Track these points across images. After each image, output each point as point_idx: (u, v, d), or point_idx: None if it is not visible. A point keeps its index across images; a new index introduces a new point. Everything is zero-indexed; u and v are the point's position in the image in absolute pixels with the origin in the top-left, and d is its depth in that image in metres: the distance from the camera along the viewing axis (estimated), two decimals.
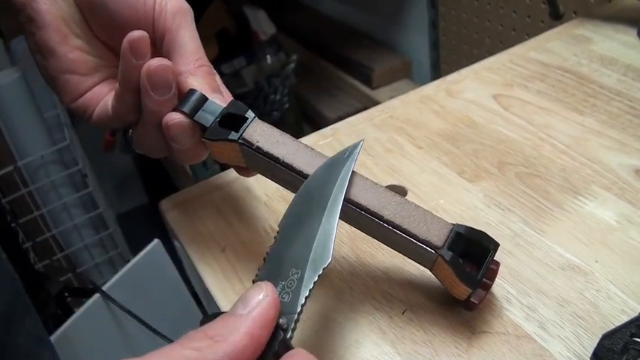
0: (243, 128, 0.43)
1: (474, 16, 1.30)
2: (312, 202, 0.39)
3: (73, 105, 0.48)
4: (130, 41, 0.41)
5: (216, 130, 0.43)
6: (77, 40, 0.46)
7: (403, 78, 1.61)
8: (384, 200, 0.41)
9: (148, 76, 0.41)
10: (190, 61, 0.45)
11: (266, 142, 0.43)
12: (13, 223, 1.42)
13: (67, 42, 0.46)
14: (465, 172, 0.55)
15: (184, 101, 0.43)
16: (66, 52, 0.45)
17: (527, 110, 0.62)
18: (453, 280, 0.39)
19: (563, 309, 0.41)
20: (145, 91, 0.42)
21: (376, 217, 0.40)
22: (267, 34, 1.77)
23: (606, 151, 0.55)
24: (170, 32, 0.45)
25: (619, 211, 0.49)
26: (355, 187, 0.41)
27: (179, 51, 0.45)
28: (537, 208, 0.50)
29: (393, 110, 0.65)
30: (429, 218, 0.40)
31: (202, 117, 0.43)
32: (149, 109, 0.43)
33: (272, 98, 1.60)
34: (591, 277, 0.44)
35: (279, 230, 0.38)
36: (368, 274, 0.46)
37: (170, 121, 0.43)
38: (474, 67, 0.71)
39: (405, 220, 0.40)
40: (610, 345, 0.36)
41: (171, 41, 0.46)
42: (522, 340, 0.40)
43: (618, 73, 0.66)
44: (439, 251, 0.39)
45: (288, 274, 0.35)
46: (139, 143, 0.48)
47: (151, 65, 0.41)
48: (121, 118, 0.46)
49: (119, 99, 0.45)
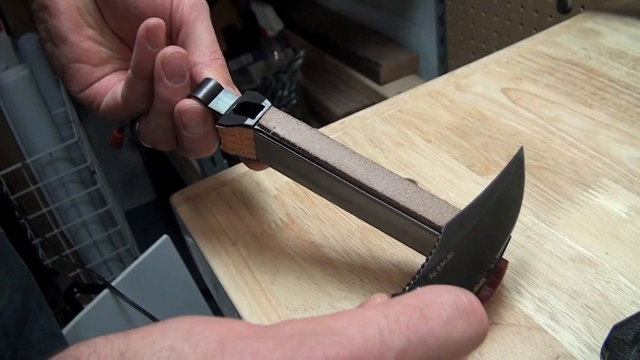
0: (259, 115, 0.43)
1: (481, 11, 1.30)
2: None
3: (81, 95, 0.48)
4: (146, 28, 0.41)
5: (231, 117, 0.43)
6: (90, 30, 0.46)
7: (411, 74, 1.61)
8: (400, 188, 0.41)
9: (163, 63, 0.42)
10: (206, 53, 0.45)
11: (282, 129, 0.43)
12: (22, 219, 1.42)
13: (79, 31, 0.46)
14: (475, 166, 0.55)
15: (198, 88, 0.43)
16: (78, 41, 0.46)
17: (536, 104, 0.62)
18: None
19: (574, 300, 0.42)
20: (159, 78, 0.42)
21: (392, 203, 0.40)
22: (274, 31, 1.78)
23: (616, 143, 0.55)
24: (187, 24, 0.46)
25: (629, 203, 0.49)
26: (372, 173, 0.41)
27: (195, 43, 0.45)
28: (547, 200, 0.50)
29: (403, 104, 0.65)
30: (444, 207, 0.40)
31: (217, 104, 0.43)
32: (161, 97, 0.43)
33: (279, 94, 1.61)
34: (601, 268, 0.44)
35: None
36: (379, 266, 0.46)
37: (183, 107, 0.43)
38: (483, 61, 0.71)
39: (421, 207, 0.40)
40: (621, 336, 0.36)
41: (187, 33, 0.46)
42: (533, 331, 0.40)
43: (627, 66, 0.66)
44: None
45: None
46: (146, 135, 0.47)
47: (166, 52, 0.42)
48: (130, 107, 0.46)
49: (130, 86, 0.44)
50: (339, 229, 0.50)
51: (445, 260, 0.35)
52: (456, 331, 0.24)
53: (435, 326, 0.23)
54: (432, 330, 0.23)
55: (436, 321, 0.23)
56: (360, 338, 0.22)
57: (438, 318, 0.23)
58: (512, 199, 0.41)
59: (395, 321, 0.23)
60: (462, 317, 0.24)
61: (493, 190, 0.39)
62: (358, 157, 0.42)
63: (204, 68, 0.45)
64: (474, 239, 0.37)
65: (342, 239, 0.49)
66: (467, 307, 0.24)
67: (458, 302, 0.24)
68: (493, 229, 0.38)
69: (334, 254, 0.48)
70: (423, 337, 0.23)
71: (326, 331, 0.23)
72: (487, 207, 0.38)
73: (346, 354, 0.22)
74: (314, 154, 0.42)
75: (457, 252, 0.36)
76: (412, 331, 0.23)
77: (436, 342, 0.23)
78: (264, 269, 0.48)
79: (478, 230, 0.38)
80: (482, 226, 0.38)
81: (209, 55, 0.45)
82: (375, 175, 0.41)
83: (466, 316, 0.24)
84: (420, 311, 0.23)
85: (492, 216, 0.39)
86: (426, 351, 0.23)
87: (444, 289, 0.25)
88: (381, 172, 0.41)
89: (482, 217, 0.38)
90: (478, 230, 0.38)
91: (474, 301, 0.25)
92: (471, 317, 0.24)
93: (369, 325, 0.23)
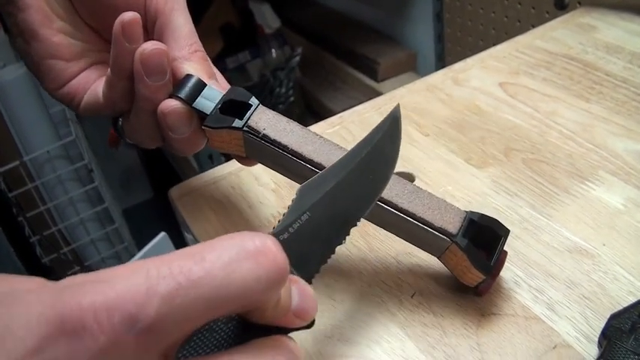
0: (247, 115, 0.42)
1: (478, 8, 1.30)
2: None
3: (58, 93, 0.46)
4: (122, 24, 0.39)
5: (218, 118, 0.42)
6: (61, 22, 0.44)
7: (408, 71, 1.61)
8: (398, 189, 0.40)
9: (142, 61, 0.40)
10: (184, 46, 0.43)
11: (272, 130, 0.42)
12: (19, 217, 1.42)
13: (50, 24, 0.43)
14: (473, 159, 0.55)
15: (181, 87, 0.41)
16: (49, 36, 0.43)
17: (533, 98, 0.62)
18: (466, 267, 0.39)
19: (571, 291, 0.42)
20: (139, 77, 0.40)
21: (391, 205, 0.40)
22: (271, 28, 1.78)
23: (613, 137, 0.55)
24: (163, 15, 0.43)
25: (626, 195, 0.49)
26: None
27: (172, 35, 0.43)
28: (544, 193, 0.50)
29: (400, 99, 0.65)
30: (443, 206, 0.40)
31: (202, 104, 0.41)
32: (143, 96, 0.41)
33: (277, 92, 1.61)
34: (599, 259, 0.44)
35: None
36: (377, 259, 0.47)
37: (166, 109, 0.41)
38: (480, 55, 0.71)
39: (420, 208, 0.40)
40: (618, 325, 0.37)
41: (164, 24, 0.44)
42: (531, 321, 0.40)
43: (624, 60, 0.66)
44: (454, 239, 0.39)
45: None
46: (130, 133, 0.46)
47: (145, 49, 0.39)
48: (112, 106, 0.44)
49: (111, 85, 0.43)
50: None
51: (299, 221, 0.34)
52: (240, 272, 0.24)
53: (212, 268, 0.24)
54: (209, 272, 0.24)
55: (215, 263, 0.24)
56: (122, 285, 0.23)
57: (218, 260, 0.24)
58: (384, 158, 0.38)
59: (168, 267, 0.23)
60: (249, 258, 0.24)
61: (360, 149, 0.37)
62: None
63: (184, 63, 0.43)
64: (335, 199, 0.36)
65: None
66: (255, 249, 0.25)
67: (245, 244, 0.25)
68: (358, 188, 0.37)
69: None
70: (196, 280, 0.23)
71: (98, 280, 0.23)
72: (350, 166, 0.36)
73: (101, 300, 0.22)
74: (307, 157, 0.41)
75: (314, 212, 0.34)
76: (184, 274, 0.23)
77: (214, 282, 0.23)
78: None
79: (339, 190, 0.36)
80: (344, 186, 0.36)
81: (188, 47, 0.43)
82: None
83: (253, 257, 0.24)
84: (199, 256, 0.24)
85: (358, 175, 0.37)
86: (201, 292, 0.23)
87: (234, 235, 0.25)
88: None
89: (345, 176, 0.36)
90: (339, 190, 0.36)
91: (268, 243, 0.25)
92: (260, 258, 0.24)
93: (137, 273, 0.23)
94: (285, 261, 0.25)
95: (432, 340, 0.40)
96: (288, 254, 0.29)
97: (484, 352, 0.39)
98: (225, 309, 0.25)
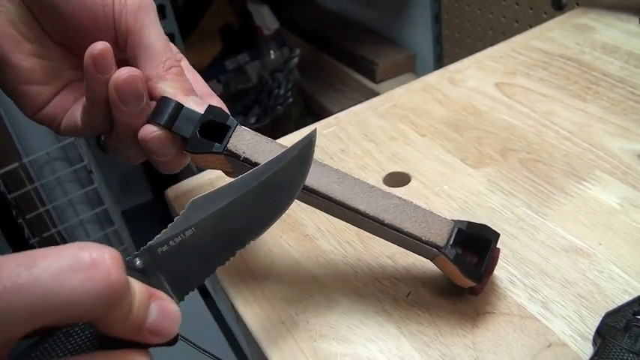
0: (226, 138, 0.41)
1: (476, 9, 1.31)
2: None
3: (36, 117, 0.45)
4: (92, 57, 0.38)
5: (198, 142, 0.41)
6: (30, 45, 0.42)
7: (407, 72, 1.61)
8: (384, 204, 0.40)
9: (117, 90, 0.39)
10: (158, 64, 0.42)
11: (253, 152, 0.41)
12: (19, 219, 1.42)
13: (19, 49, 0.42)
14: (469, 159, 0.55)
15: (159, 112, 0.41)
16: (21, 61, 0.42)
17: (529, 98, 0.62)
18: (458, 274, 0.40)
19: (566, 290, 0.42)
20: (116, 106, 0.40)
21: (377, 221, 0.40)
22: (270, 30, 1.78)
23: (609, 136, 0.55)
24: (133, 33, 0.42)
25: (622, 194, 0.49)
26: (352, 192, 0.40)
27: (145, 53, 0.42)
28: (540, 192, 0.50)
29: (397, 99, 0.65)
30: (430, 218, 0.40)
31: (181, 127, 0.41)
32: (122, 123, 0.41)
33: (276, 93, 1.61)
34: (594, 258, 0.44)
35: None
36: (373, 258, 0.47)
37: (147, 136, 0.41)
38: (477, 56, 0.71)
39: (406, 222, 0.40)
40: (613, 323, 0.37)
41: (135, 43, 0.42)
42: (526, 320, 0.40)
43: (620, 60, 0.66)
44: (442, 250, 0.39)
45: None
46: (114, 151, 0.45)
47: (119, 78, 0.38)
48: (91, 130, 0.44)
49: (88, 114, 0.42)
50: (334, 223, 0.50)
51: (182, 236, 0.34)
52: (69, 283, 0.24)
53: (41, 275, 0.24)
54: (37, 278, 0.24)
55: (45, 271, 0.24)
56: None
57: (48, 268, 0.24)
58: (288, 183, 0.38)
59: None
60: (80, 271, 0.24)
61: (265, 169, 0.37)
62: (336, 173, 0.41)
63: (159, 82, 0.42)
64: (223, 218, 0.35)
65: (336, 232, 0.49)
66: (89, 262, 0.25)
67: (79, 256, 0.25)
68: (253, 210, 0.36)
69: (328, 247, 0.48)
70: (22, 285, 0.23)
71: None
72: (249, 186, 0.36)
73: None
74: None
75: (199, 229, 0.34)
76: (12, 279, 0.23)
77: (40, 291, 0.24)
78: (259, 262, 0.48)
79: (231, 209, 0.35)
80: (237, 206, 0.35)
81: (162, 65, 0.42)
82: (355, 192, 0.40)
83: (85, 270, 0.24)
84: (32, 261, 0.24)
85: (255, 196, 0.36)
86: (25, 299, 0.23)
87: (74, 244, 0.25)
88: (362, 189, 0.40)
89: (240, 196, 0.36)
90: (231, 209, 0.35)
91: (104, 257, 0.25)
92: (92, 271, 0.24)
93: None
94: (119, 278, 0.25)
95: (427, 339, 0.40)
96: (163, 269, 0.29)
97: (479, 350, 0.39)
98: (53, 318, 0.25)
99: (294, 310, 0.43)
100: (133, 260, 0.32)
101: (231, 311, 0.46)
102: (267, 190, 0.37)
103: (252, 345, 0.43)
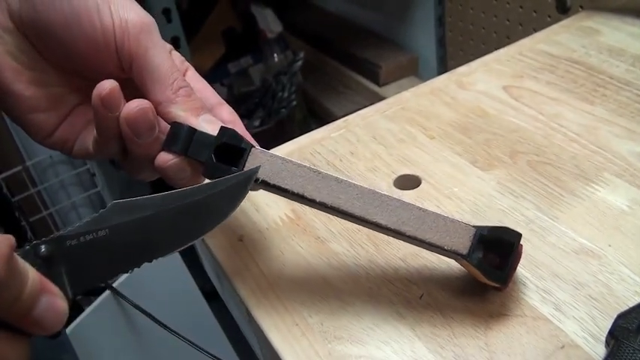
0: (242, 162, 0.41)
1: (480, 12, 1.31)
2: None
3: (47, 142, 0.45)
4: (101, 98, 0.38)
5: (215, 167, 0.41)
6: (30, 72, 0.42)
7: (410, 75, 1.62)
8: (404, 216, 0.40)
9: (129, 125, 0.39)
10: (167, 87, 0.42)
11: (269, 174, 0.41)
12: (22, 222, 1.43)
13: (20, 78, 0.42)
14: (478, 161, 0.55)
15: (173, 138, 0.41)
16: (22, 91, 0.42)
17: (537, 100, 0.63)
18: (482, 277, 0.40)
19: (578, 291, 0.42)
20: (129, 139, 0.40)
21: (398, 233, 0.40)
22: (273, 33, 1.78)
23: (617, 139, 0.56)
24: (137, 57, 0.41)
25: (631, 196, 0.49)
26: (372, 205, 0.40)
27: (152, 77, 0.42)
28: (550, 195, 0.51)
29: (405, 102, 0.65)
30: (451, 226, 0.40)
31: (196, 152, 0.41)
32: (137, 154, 0.41)
33: (279, 96, 1.61)
34: (604, 260, 0.44)
35: None
36: (385, 260, 0.47)
37: (164, 164, 0.41)
38: (484, 59, 0.72)
39: (428, 232, 0.40)
40: (625, 324, 0.37)
41: (141, 67, 0.42)
42: (539, 321, 0.40)
43: (627, 63, 0.66)
44: (465, 258, 0.40)
45: None
46: (129, 172, 0.45)
47: (129, 113, 0.39)
48: (105, 156, 0.44)
49: (100, 146, 0.42)
50: (345, 225, 0.50)
51: (94, 234, 0.34)
52: None
53: None
54: None
55: None
56: None
57: None
58: (213, 212, 0.38)
59: None
60: None
61: (192, 193, 0.37)
62: (354, 189, 0.41)
63: (170, 106, 0.42)
64: (139, 230, 0.35)
65: (347, 234, 0.50)
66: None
67: None
68: (170, 228, 0.36)
69: (340, 249, 0.48)
70: None
71: None
72: (175, 204, 0.36)
73: None
74: (310, 197, 0.41)
75: (112, 234, 0.34)
76: None
77: None
78: (271, 264, 0.48)
79: (150, 223, 0.35)
80: (157, 221, 0.36)
81: (170, 88, 0.42)
82: (375, 206, 0.40)
83: None
84: None
85: (175, 217, 0.36)
86: None
87: None
88: (382, 202, 0.40)
89: (163, 211, 0.36)
90: (150, 223, 0.35)
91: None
92: None
93: None
94: (4, 266, 0.26)
95: (441, 340, 0.40)
96: (66, 261, 0.30)
97: (493, 352, 0.39)
98: None
99: (307, 312, 0.43)
100: (38, 246, 0.32)
101: (243, 314, 0.47)
102: (188, 213, 0.37)
103: (266, 348, 0.44)
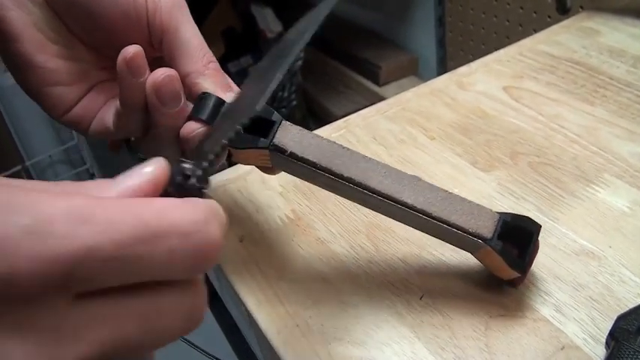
0: (272, 133, 0.41)
1: (480, 12, 1.31)
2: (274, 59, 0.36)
3: (63, 119, 0.44)
4: (125, 60, 0.38)
5: (243, 137, 0.41)
6: (54, 46, 0.42)
7: (410, 75, 1.62)
8: (430, 197, 0.40)
9: (156, 92, 0.39)
10: (197, 60, 0.42)
11: (299, 147, 0.41)
12: None
13: (44, 50, 0.41)
14: (479, 162, 0.55)
15: (200, 107, 0.41)
16: (44, 62, 0.41)
17: (537, 101, 0.63)
18: (501, 266, 0.40)
19: (578, 293, 0.42)
20: (155, 108, 0.39)
21: (424, 214, 0.40)
22: (273, 33, 1.78)
23: (617, 140, 0.56)
24: (169, 31, 0.42)
25: (631, 198, 0.49)
26: (400, 185, 0.40)
27: (183, 50, 0.42)
28: (550, 196, 0.51)
29: (405, 103, 0.65)
30: (476, 210, 0.40)
31: None
32: (162, 124, 0.41)
33: (279, 96, 1.61)
34: (605, 261, 0.44)
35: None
36: (385, 261, 0.47)
37: (190, 133, 0.40)
38: (484, 59, 0.72)
39: (453, 214, 0.40)
40: (625, 326, 0.37)
41: (172, 41, 0.42)
42: (539, 322, 0.40)
43: (627, 64, 0.66)
44: (490, 243, 0.39)
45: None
46: (148, 151, 0.45)
47: (156, 79, 0.38)
48: (125, 134, 0.44)
49: (122, 119, 0.42)
50: (345, 225, 0.50)
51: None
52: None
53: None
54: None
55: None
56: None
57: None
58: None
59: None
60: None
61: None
62: (383, 167, 0.41)
63: (198, 77, 0.42)
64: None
65: (347, 235, 0.50)
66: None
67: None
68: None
69: (340, 249, 0.48)
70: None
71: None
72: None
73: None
74: (338, 172, 0.40)
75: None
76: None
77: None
78: (271, 264, 0.48)
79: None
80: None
81: (200, 61, 0.42)
82: (403, 186, 0.40)
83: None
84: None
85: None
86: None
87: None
88: (409, 182, 0.40)
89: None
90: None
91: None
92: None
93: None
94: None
95: (441, 341, 0.40)
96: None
97: (493, 353, 0.39)
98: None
99: (307, 314, 0.43)
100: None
101: (244, 315, 0.47)
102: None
103: (266, 349, 0.44)
